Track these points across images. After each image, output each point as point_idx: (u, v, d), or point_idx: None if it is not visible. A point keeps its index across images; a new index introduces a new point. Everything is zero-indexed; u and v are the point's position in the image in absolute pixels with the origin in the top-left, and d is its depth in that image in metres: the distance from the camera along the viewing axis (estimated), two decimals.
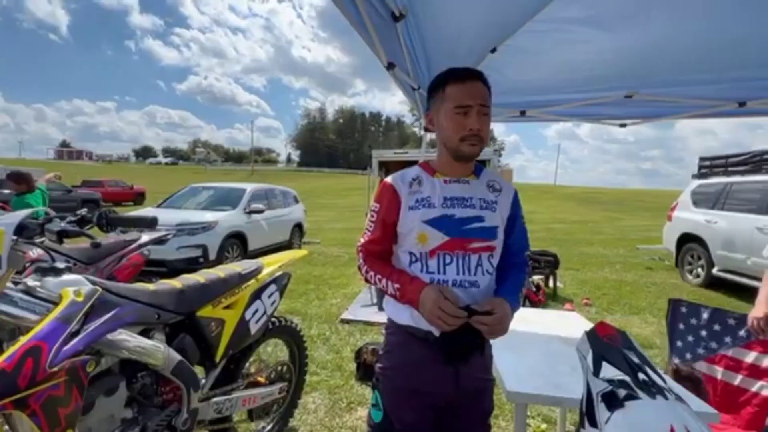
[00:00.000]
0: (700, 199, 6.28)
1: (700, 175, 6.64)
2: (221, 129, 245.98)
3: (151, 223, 1.72)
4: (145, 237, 2.94)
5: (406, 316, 1.16)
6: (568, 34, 2.16)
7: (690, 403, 0.98)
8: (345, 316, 4.29)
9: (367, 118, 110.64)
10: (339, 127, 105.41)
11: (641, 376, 0.91)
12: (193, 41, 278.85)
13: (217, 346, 1.62)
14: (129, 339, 1.26)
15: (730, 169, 6.14)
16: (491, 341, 1.22)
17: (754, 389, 1.80)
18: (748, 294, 5.31)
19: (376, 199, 1.23)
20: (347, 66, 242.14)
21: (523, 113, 2.89)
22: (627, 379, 0.91)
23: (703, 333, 2.03)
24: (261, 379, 2.00)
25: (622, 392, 0.87)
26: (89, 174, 28.89)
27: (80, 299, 1.13)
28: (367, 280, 1.23)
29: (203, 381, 1.62)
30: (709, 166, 6.58)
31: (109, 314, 1.19)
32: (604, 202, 28.09)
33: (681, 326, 2.13)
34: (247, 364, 1.97)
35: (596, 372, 0.97)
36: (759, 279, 5.67)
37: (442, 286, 1.10)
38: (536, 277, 5.31)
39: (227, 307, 1.69)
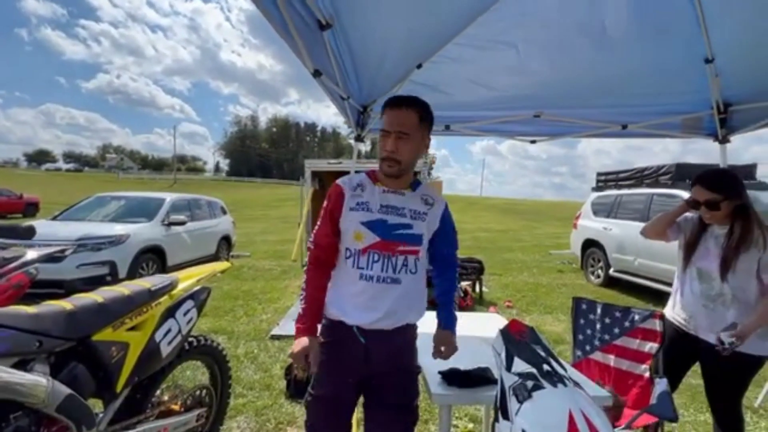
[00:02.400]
0: (598, 209, 7.19)
1: (597, 188, 7.63)
2: (137, 134, 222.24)
3: (24, 233, 1.47)
4: (32, 253, 2.50)
5: (334, 310, 1.35)
6: (483, 56, 2.37)
7: (587, 388, 1.10)
8: (275, 331, 4.09)
9: (302, 128, 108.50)
10: (272, 136, 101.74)
11: (545, 367, 1.00)
12: (104, 36, 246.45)
13: (118, 374, 1.43)
14: None
15: (620, 183, 7.16)
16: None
17: (638, 372, 2.07)
18: (637, 291, 6.18)
19: (327, 197, 1.38)
20: (280, 74, 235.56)
21: (447, 127, 3.07)
22: (534, 371, 0.99)
23: (598, 326, 2.29)
24: (175, 407, 1.81)
25: (529, 384, 0.94)
26: None
27: None
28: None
29: (100, 416, 1.42)
30: (604, 180, 7.61)
31: None
32: (523, 212, 30.81)
33: (581, 321, 2.38)
34: (159, 391, 1.77)
35: (509, 367, 1.04)
36: (646, 278, 6.52)
37: (313, 345, 1.30)
38: (464, 283, 5.60)
39: (132, 329, 1.51)
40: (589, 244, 7.17)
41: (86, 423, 1.27)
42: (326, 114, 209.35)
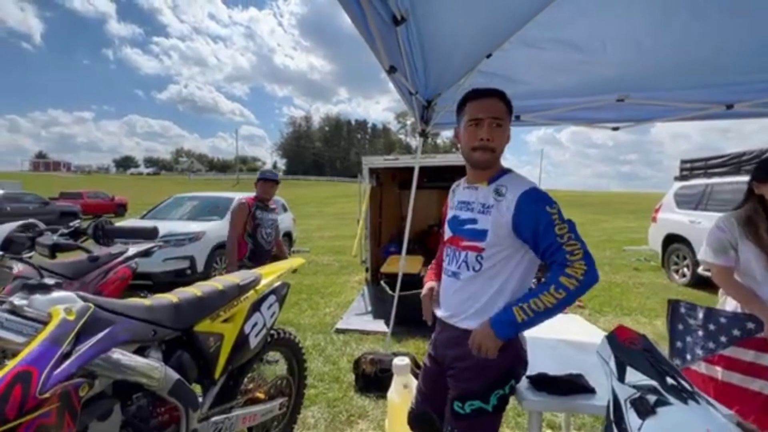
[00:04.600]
0: (682, 201, 6.44)
1: (681, 177, 6.81)
2: (204, 138, 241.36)
3: (151, 234, 1.64)
4: (133, 249, 2.81)
5: None
6: (562, 39, 2.19)
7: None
8: (339, 325, 4.21)
9: (353, 126, 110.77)
10: (325, 135, 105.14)
11: (669, 380, 0.89)
12: (173, 49, 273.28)
13: (216, 363, 1.54)
14: (124, 358, 1.18)
15: (709, 171, 6.33)
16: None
17: (754, 388, 1.81)
18: None
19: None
20: (330, 74, 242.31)
21: (517, 118, 2.90)
22: (655, 383, 0.89)
23: (700, 333, 2.03)
24: (260, 395, 1.92)
25: (652, 398, 0.85)
26: (67, 186, 28.04)
27: (72, 318, 1.05)
28: None
29: (200, 400, 1.54)
30: (690, 168, 6.76)
31: (103, 333, 1.11)
32: (589, 204, 28.70)
33: (680, 327, 2.13)
34: (246, 380, 1.89)
35: (621, 377, 0.95)
36: None
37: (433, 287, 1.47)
38: None
39: (226, 321, 1.61)
40: (672, 240, 6.46)
41: (192, 406, 1.39)
42: (375, 110, 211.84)
